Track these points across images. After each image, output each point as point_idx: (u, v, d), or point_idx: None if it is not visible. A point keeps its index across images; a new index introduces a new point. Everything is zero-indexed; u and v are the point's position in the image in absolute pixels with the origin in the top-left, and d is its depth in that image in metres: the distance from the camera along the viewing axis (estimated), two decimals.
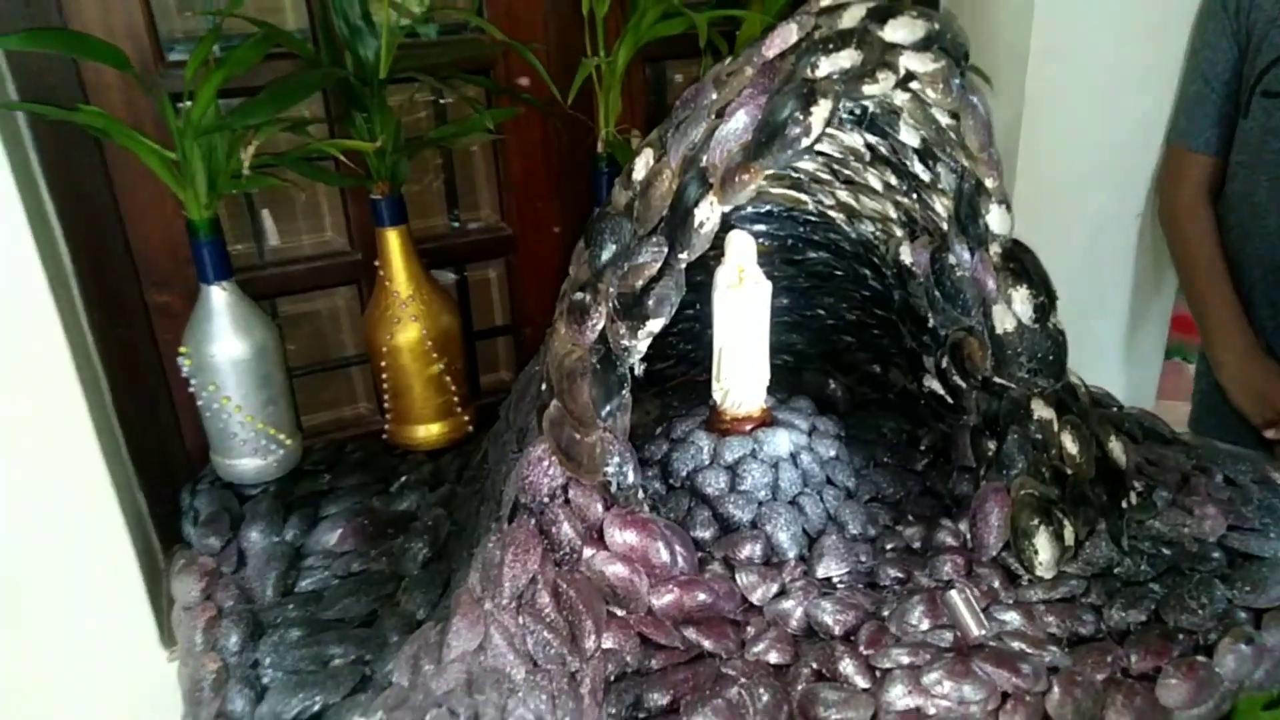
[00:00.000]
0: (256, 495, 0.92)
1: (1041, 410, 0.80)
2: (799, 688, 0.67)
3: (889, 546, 0.82)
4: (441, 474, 0.95)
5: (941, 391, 0.91)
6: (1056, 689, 0.66)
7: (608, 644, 0.68)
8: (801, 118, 0.62)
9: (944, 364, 0.89)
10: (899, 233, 0.89)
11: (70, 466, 0.84)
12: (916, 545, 0.82)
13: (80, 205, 0.89)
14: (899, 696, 0.65)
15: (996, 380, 0.82)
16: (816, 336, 1.05)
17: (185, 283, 0.91)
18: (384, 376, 0.98)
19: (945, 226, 0.82)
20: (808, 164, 0.86)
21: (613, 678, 0.67)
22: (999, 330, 0.80)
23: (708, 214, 0.66)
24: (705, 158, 0.66)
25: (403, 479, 0.95)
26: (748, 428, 0.88)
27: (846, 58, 0.62)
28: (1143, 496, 0.81)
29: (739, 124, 0.65)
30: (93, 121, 0.79)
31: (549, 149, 1.06)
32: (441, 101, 1.06)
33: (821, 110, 0.62)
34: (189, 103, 0.82)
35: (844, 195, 0.89)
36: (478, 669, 0.64)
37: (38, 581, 0.86)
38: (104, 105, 0.86)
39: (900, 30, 0.63)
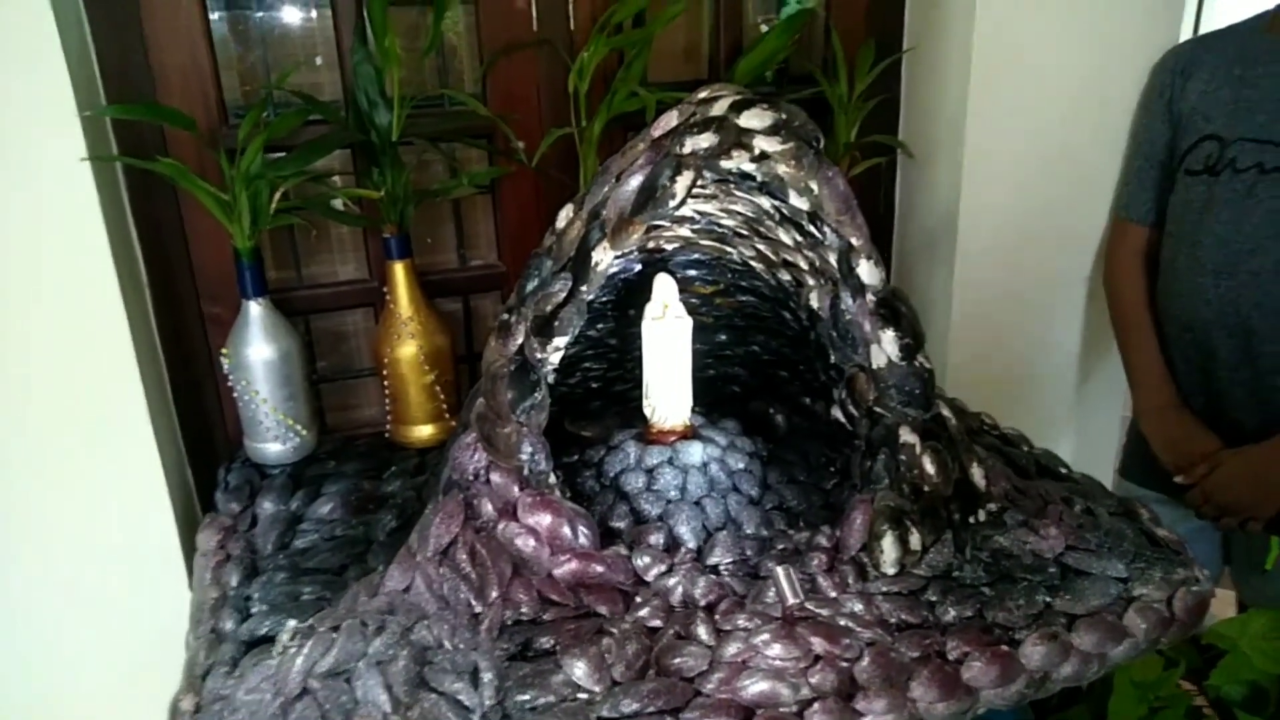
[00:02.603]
0: (275, 474, 1.13)
1: (907, 436, 0.94)
2: (661, 643, 0.83)
3: (779, 546, 0.96)
4: (424, 466, 1.14)
5: (843, 419, 1.06)
6: (866, 658, 0.79)
7: (511, 596, 0.85)
8: (669, 185, 0.79)
9: (843, 395, 1.03)
10: (810, 281, 1.04)
11: (126, 445, 1.07)
12: (803, 546, 0.96)
13: (156, 233, 1.12)
14: (731, 651, 0.79)
15: (876, 409, 0.97)
16: (755, 370, 1.20)
17: (232, 298, 1.13)
18: (386, 384, 1.18)
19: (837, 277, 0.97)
20: (728, 220, 1.03)
21: (510, 623, 0.84)
22: (875, 366, 0.95)
23: (602, 256, 0.83)
24: (604, 212, 0.84)
25: (392, 469, 1.14)
26: (671, 439, 1.04)
27: (706, 139, 0.80)
28: (994, 515, 0.94)
29: (630, 187, 0.83)
30: (165, 170, 1.02)
31: (539, 201, 1.26)
32: (454, 160, 1.27)
33: (684, 179, 0.79)
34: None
35: (762, 247, 1.05)
36: (400, 602, 0.82)
37: (99, 538, 1.09)
38: (180, 155, 1.09)
39: (753, 119, 0.80)
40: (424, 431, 1.20)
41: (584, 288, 0.84)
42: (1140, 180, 1.32)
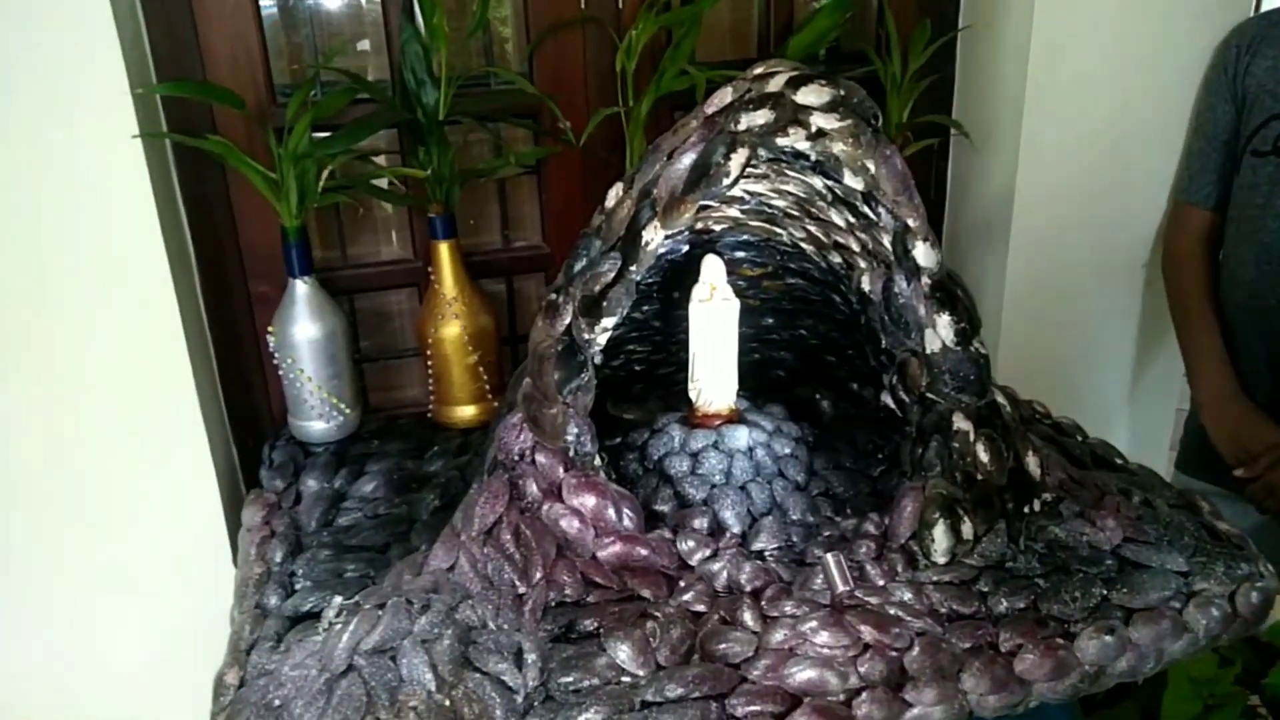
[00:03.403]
0: (319, 452, 1.14)
1: (961, 423, 0.91)
2: (706, 628, 0.82)
3: (825, 533, 0.95)
4: (467, 446, 1.14)
5: (893, 406, 1.04)
6: (916, 648, 0.78)
7: (555, 578, 0.84)
8: (723, 162, 0.78)
9: (894, 381, 1.01)
10: (862, 264, 1.02)
11: (173, 422, 1.08)
12: (849, 534, 0.95)
13: (205, 212, 1.13)
14: (778, 638, 0.78)
15: (929, 395, 0.95)
16: (803, 355, 1.18)
17: (279, 277, 1.14)
18: (430, 364, 1.18)
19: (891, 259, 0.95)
20: (779, 201, 1.01)
21: (554, 604, 0.83)
22: (928, 351, 0.93)
23: (653, 235, 0.82)
24: (655, 190, 0.82)
25: (435, 448, 1.14)
26: (716, 423, 1.03)
27: (762, 115, 0.78)
28: (1049, 505, 0.91)
29: (682, 165, 0.81)
30: (214, 148, 1.02)
31: (585, 182, 1.25)
32: (499, 139, 1.27)
33: (739, 157, 0.77)
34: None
35: (813, 229, 1.03)
36: (444, 580, 0.82)
37: (146, 513, 1.10)
38: (230, 134, 1.10)
39: (810, 95, 0.78)
40: (467, 412, 1.20)
41: (633, 268, 0.83)
42: (1202, 162, 1.27)
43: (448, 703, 0.72)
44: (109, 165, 0.97)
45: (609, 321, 0.84)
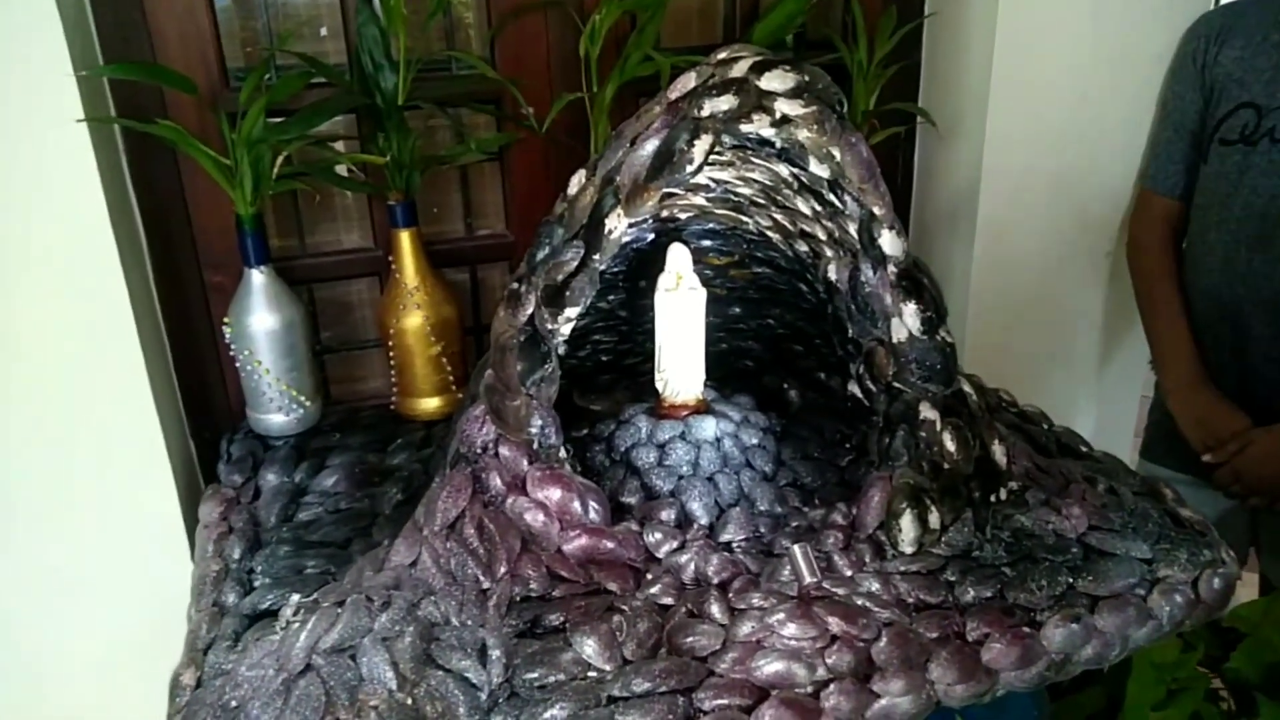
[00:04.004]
0: (279, 445, 1.11)
1: (928, 412, 0.91)
2: (673, 621, 0.81)
3: (793, 523, 0.94)
4: (430, 439, 1.12)
5: (860, 395, 1.03)
6: (884, 639, 0.77)
7: (520, 572, 0.82)
8: (687, 149, 0.76)
9: (860, 371, 1.01)
10: (828, 252, 1.01)
11: (126, 416, 1.05)
12: (817, 524, 0.94)
13: (157, 200, 1.10)
14: (745, 630, 0.77)
15: (895, 385, 0.94)
16: (770, 344, 1.18)
17: (235, 266, 1.10)
18: (392, 355, 1.16)
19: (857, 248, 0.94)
20: (744, 189, 1.00)
21: (519, 599, 0.82)
22: (895, 340, 0.92)
23: (616, 224, 0.80)
24: (618, 178, 0.81)
25: (398, 441, 1.12)
26: (683, 414, 1.02)
27: (725, 101, 0.76)
28: (1015, 494, 0.91)
29: (645, 152, 0.80)
30: (164, 133, 0.99)
31: (549, 169, 1.23)
32: (461, 125, 1.24)
33: (703, 143, 0.76)
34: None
35: (780, 217, 1.02)
36: (406, 576, 0.80)
37: (98, 508, 1.07)
38: (181, 119, 1.06)
39: (774, 80, 0.77)
40: (430, 404, 1.18)
41: (596, 256, 0.81)
42: (1168, 151, 1.28)
43: (410, 701, 0.70)
44: (51, 150, 0.93)
45: (572, 311, 0.83)
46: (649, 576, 0.86)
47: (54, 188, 0.95)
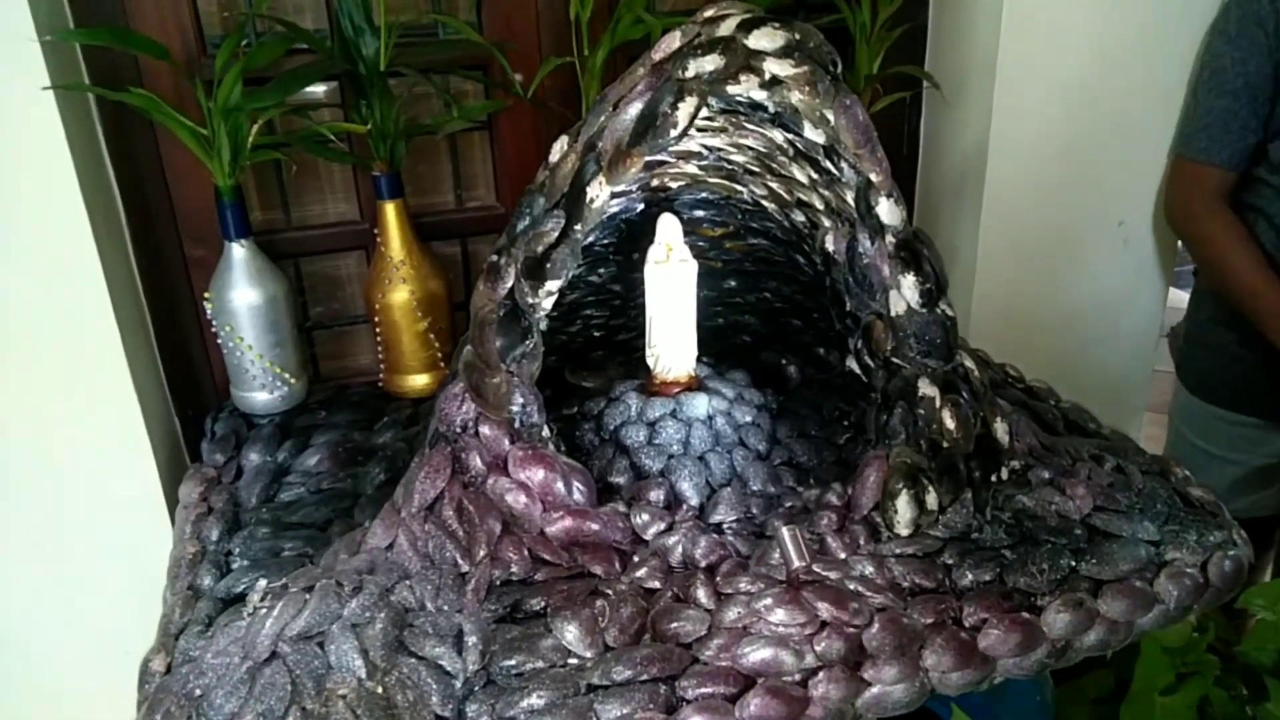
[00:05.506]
0: (262, 424, 1.08)
1: (926, 388, 0.87)
2: (658, 606, 0.78)
3: (787, 504, 0.91)
4: (417, 417, 1.09)
5: (858, 370, 0.99)
6: (876, 624, 0.74)
7: (500, 555, 0.80)
8: (671, 112, 0.72)
9: (859, 345, 0.97)
10: (826, 222, 0.97)
11: (104, 394, 1.02)
12: (811, 505, 0.91)
13: (134, 171, 1.07)
14: (731, 616, 0.74)
15: (894, 360, 0.90)
16: (767, 318, 1.14)
17: (216, 240, 1.08)
18: (378, 331, 1.13)
19: (854, 217, 0.90)
20: (738, 156, 0.95)
21: (499, 583, 0.79)
22: (893, 313, 0.88)
23: (598, 192, 0.77)
24: (600, 143, 0.77)
25: (385, 419, 1.09)
26: (674, 391, 0.99)
27: (711, 62, 0.72)
28: (1017, 473, 0.88)
29: (628, 116, 0.76)
30: (136, 101, 0.96)
31: (540, 137, 1.19)
32: (447, 93, 1.20)
33: (687, 106, 0.72)
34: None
35: (775, 186, 0.98)
36: (381, 560, 0.78)
37: (77, 489, 1.05)
38: (156, 88, 1.03)
39: (763, 39, 0.73)
40: (418, 381, 1.15)
41: (578, 227, 0.78)
42: (1225, 120, 1.20)
43: (380, 690, 0.68)
44: (15, 120, 0.90)
45: (553, 284, 0.79)
46: (635, 559, 0.83)
47: (18, 158, 0.91)
